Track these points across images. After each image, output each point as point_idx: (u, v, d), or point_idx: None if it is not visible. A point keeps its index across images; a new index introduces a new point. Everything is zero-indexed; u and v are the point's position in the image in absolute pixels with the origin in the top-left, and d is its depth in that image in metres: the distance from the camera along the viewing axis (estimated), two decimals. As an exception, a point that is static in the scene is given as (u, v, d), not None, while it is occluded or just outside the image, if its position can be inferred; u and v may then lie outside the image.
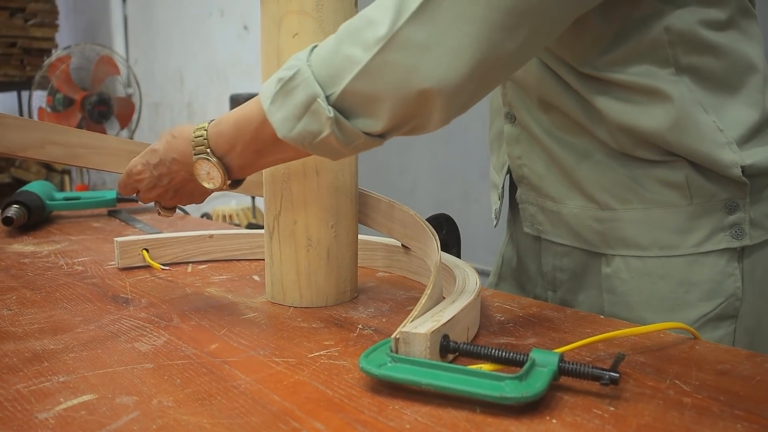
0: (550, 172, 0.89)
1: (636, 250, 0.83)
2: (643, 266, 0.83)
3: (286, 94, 0.65)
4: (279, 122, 0.66)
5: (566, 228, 0.90)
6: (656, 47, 0.76)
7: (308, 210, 0.82)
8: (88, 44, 4.60)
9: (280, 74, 0.66)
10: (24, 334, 0.74)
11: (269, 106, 0.66)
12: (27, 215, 1.32)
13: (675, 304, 0.82)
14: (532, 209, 0.94)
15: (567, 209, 0.88)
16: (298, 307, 0.84)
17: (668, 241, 0.82)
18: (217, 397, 0.57)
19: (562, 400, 0.56)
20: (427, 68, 0.61)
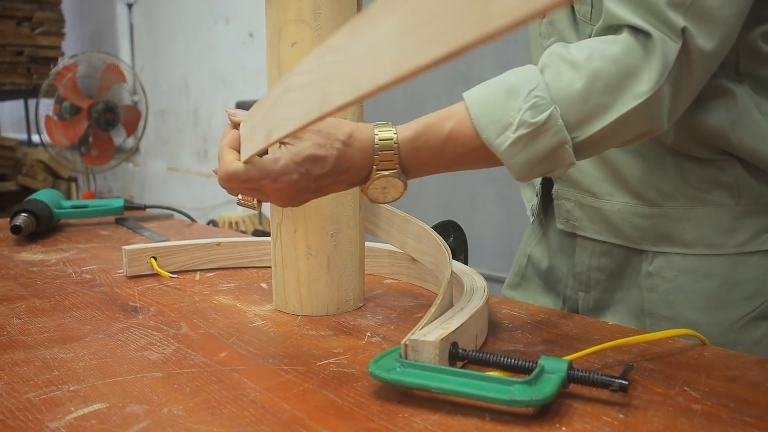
0: (594, 168, 0.89)
1: (680, 248, 0.84)
2: (687, 264, 0.83)
3: (533, 138, 0.66)
4: (519, 165, 0.67)
5: (606, 224, 0.89)
6: None
7: (308, 219, 0.82)
8: (94, 52, 4.62)
9: (525, 119, 0.65)
10: (34, 343, 0.74)
11: (508, 148, 0.66)
12: (35, 224, 1.33)
13: (718, 302, 0.82)
14: (569, 205, 0.93)
15: (609, 205, 0.88)
16: (306, 315, 0.84)
17: (714, 240, 0.82)
18: (227, 406, 0.58)
19: (571, 407, 0.56)
20: (666, 117, 0.69)
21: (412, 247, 0.91)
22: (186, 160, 5.13)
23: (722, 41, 0.69)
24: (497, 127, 0.66)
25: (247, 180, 0.69)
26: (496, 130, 0.67)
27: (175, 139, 5.25)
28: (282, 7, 0.79)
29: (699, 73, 0.70)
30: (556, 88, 0.67)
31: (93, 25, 6.13)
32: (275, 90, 0.58)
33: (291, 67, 0.79)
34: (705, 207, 0.83)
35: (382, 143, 0.68)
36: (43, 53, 5.46)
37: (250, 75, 4.34)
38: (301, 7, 0.78)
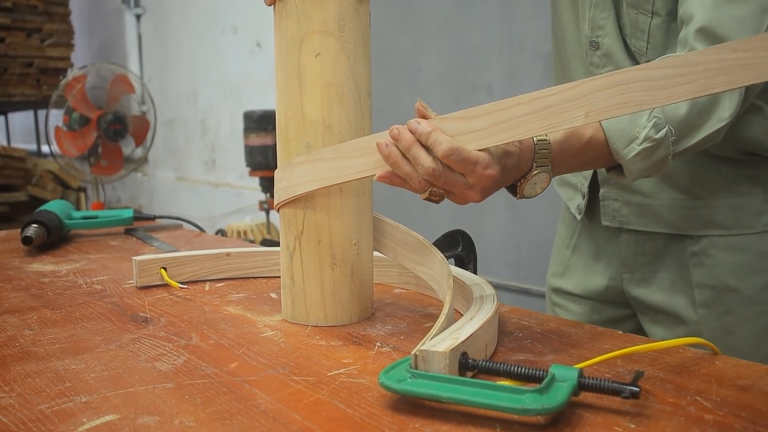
0: None
1: (721, 230, 1.02)
2: (727, 243, 1.02)
3: (653, 151, 0.84)
4: (637, 171, 0.85)
5: (654, 217, 1.06)
6: None
7: (332, 229, 0.83)
8: (103, 63, 4.65)
9: (649, 135, 0.83)
10: (46, 354, 0.75)
11: (633, 157, 0.83)
12: (46, 234, 1.34)
13: (752, 270, 1.01)
14: (616, 204, 1.09)
15: (658, 201, 1.05)
16: (317, 326, 0.84)
17: (747, 222, 1.01)
18: (238, 417, 0.58)
19: (582, 417, 0.56)
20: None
21: (405, 257, 0.89)
22: (194, 170, 5.14)
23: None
24: (625, 139, 0.83)
25: (466, 160, 0.73)
26: (623, 142, 0.83)
27: (183, 149, 5.28)
28: (305, 18, 0.79)
29: (751, 97, 0.90)
30: (668, 111, 0.84)
31: (102, 36, 6.17)
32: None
33: (314, 77, 0.80)
34: (738, 197, 1.01)
35: (540, 143, 0.80)
36: (53, 64, 5.50)
37: (258, 84, 4.36)
38: (326, 19, 0.79)
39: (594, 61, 1.03)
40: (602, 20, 1.01)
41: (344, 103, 0.81)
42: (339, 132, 0.81)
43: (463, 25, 2.84)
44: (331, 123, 0.81)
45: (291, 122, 0.82)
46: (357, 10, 0.81)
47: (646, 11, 0.96)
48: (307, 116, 0.81)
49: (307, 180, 0.81)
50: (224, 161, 4.78)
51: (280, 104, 0.83)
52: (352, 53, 0.81)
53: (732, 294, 1.02)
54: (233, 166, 4.63)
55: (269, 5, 0.82)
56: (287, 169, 0.82)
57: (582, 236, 1.18)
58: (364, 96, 0.83)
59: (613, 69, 0.97)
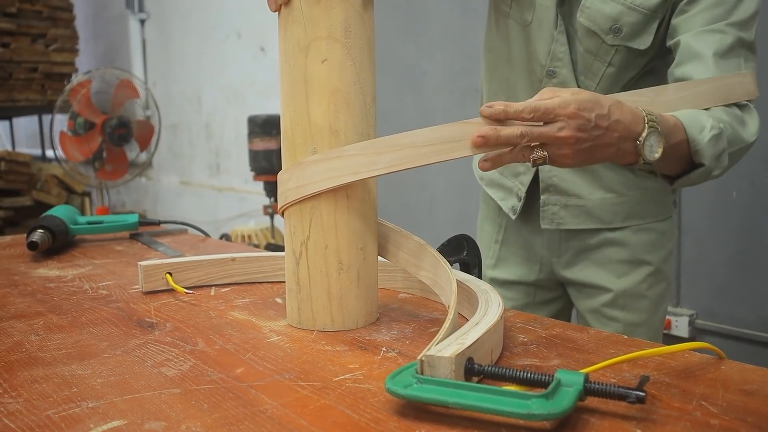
0: (578, 178, 1.26)
1: (638, 220, 1.28)
2: (641, 228, 1.28)
3: (717, 140, 0.99)
4: (710, 155, 0.99)
5: (587, 216, 1.27)
6: None
7: (339, 234, 0.83)
8: (108, 68, 4.66)
9: (714, 124, 0.99)
10: (52, 360, 0.75)
11: (708, 141, 0.98)
12: (51, 240, 1.34)
13: (657, 246, 1.29)
14: (555, 208, 1.28)
15: (591, 201, 1.26)
16: (323, 331, 0.84)
17: (655, 211, 1.28)
18: (244, 422, 0.58)
19: (588, 422, 0.56)
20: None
21: (408, 262, 0.89)
22: (198, 174, 5.15)
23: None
24: (698, 127, 0.98)
25: (544, 109, 0.81)
26: (697, 129, 0.98)
27: (187, 153, 5.29)
28: (311, 24, 0.80)
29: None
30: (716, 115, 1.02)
31: (106, 41, 6.19)
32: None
33: (321, 83, 0.80)
34: (649, 192, 1.27)
35: (646, 110, 0.90)
36: (57, 69, 5.52)
37: (261, 89, 4.37)
38: (332, 25, 0.79)
39: (548, 82, 1.21)
40: (561, 54, 1.18)
41: (350, 109, 0.81)
42: (345, 137, 0.81)
43: (466, 30, 2.84)
44: (338, 129, 0.81)
45: (297, 128, 0.82)
46: (362, 17, 0.81)
47: (604, 61, 1.16)
48: (314, 122, 0.81)
49: (326, 177, 0.81)
50: (228, 166, 4.79)
51: (285, 109, 0.84)
52: (358, 59, 0.81)
53: (644, 265, 1.28)
54: (237, 171, 4.64)
55: (274, 11, 0.83)
56: (296, 170, 0.82)
57: (509, 231, 1.37)
58: (369, 101, 0.84)
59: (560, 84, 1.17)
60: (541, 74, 1.21)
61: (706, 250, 2.33)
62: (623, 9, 1.12)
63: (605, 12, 1.13)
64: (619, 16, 1.12)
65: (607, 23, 1.13)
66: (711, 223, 2.30)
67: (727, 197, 2.25)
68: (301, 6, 0.80)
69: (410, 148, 0.79)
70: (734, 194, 2.23)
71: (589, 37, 1.15)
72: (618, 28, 1.13)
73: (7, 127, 6.52)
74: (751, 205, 2.20)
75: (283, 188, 0.84)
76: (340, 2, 0.80)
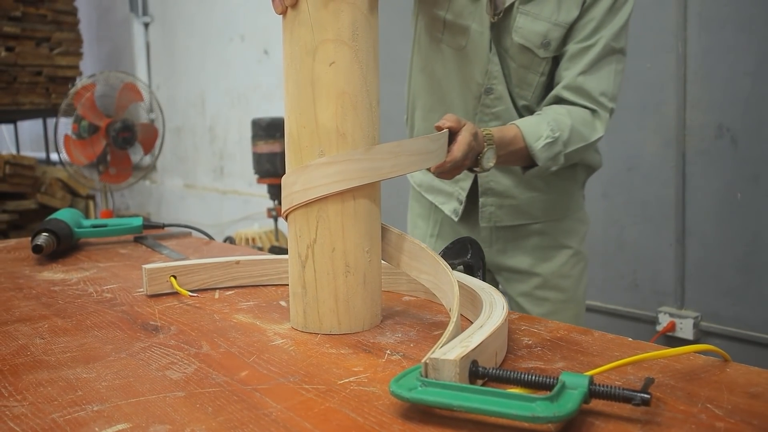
0: (511, 181, 1.45)
1: (560, 213, 1.50)
2: (562, 219, 1.50)
3: (551, 146, 1.26)
4: (543, 159, 1.27)
5: (520, 214, 1.48)
6: None
7: (346, 236, 0.83)
8: (112, 72, 4.67)
9: (549, 134, 1.25)
10: (57, 363, 0.75)
11: (540, 148, 1.25)
12: (56, 243, 1.34)
13: (574, 231, 1.51)
14: (492, 209, 1.48)
15: (522, 200, 1.47)
16: (328, 334, 0.84)
17: (573, 205, 1.52)
18: (249, 425, 0.58)
19: (593, 425, 0.56)
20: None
21: (408, 265, 0.89)
22: (202, 177, 5.16)
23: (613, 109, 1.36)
24: (535, 136, 1.25)
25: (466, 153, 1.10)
26: (533, 138, 1.25)
27: (191, 156, 5.29)
28: (319, 27, 0.80)
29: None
30: (558, 122, 1.28)
31: (110, 44, 6.21)
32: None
33: (328, 85, 0.81)
34: (565, 190, 1.49)
35: (485, 132, 1.17)
36: (62, 73, 5.54)
37: (265, 92, 4.37)
38: (340, 28, 0.80)
39: (487, 103, 1.40)
40: (495, 72, 1.37)
41: (357, 112, 0.82)
42: (352, 140, 0.82)
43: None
44: (345, 131, 0.81)
45: (304, 130, 0.82)
46: (369, 20, 0.82)
47: (537, 72, 1.37)
48: (321, 124, 0.81)
49: (334, 180, 0.81)
50: (232, 169, 4.79)
51: (291, 112, 0.84)
52: (364, 62, 0.81)
53: (564, 249, 1.50)
54: (241, 174, 4.64)
55: (280, 14, 0.83)
56: (303, 172, 0.82)
57: (444, 226, 1.56)
58: (375, 104, 0.84)
59: (503, 108, 1.39)
60: (478, 91, 1.39)
61: (711, 252, 2.32)
62: (550, 26, 1.32)
63: (536, 30, 1.33)
64: (547, 32, 1.32)
65: (538, 39, 1.33)
66: (715, 225, 2.30)
67: (732, 199, 2.25)
68: (308, 9, 0.80)
69: (405, 156, 0.86)
70: (739, 196, 2.23)
71: (523, 54, 1.35)
72: (547, 42, 1.33)
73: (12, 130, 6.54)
74: (755, 207, 2.20)
75: (288, 191, 0.84)
76: (348, 5, 0.80)
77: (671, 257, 2.41)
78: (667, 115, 2.37)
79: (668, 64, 2.35)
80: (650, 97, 2.41)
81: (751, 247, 2.22)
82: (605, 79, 1.33)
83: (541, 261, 1.49)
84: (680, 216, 2.37)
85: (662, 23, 2.35)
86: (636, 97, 2.45)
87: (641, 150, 2.46)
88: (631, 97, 2.46)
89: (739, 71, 2.19)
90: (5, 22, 5.19)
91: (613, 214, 2.56)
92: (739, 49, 2.18)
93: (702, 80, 2.28)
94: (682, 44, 2.30)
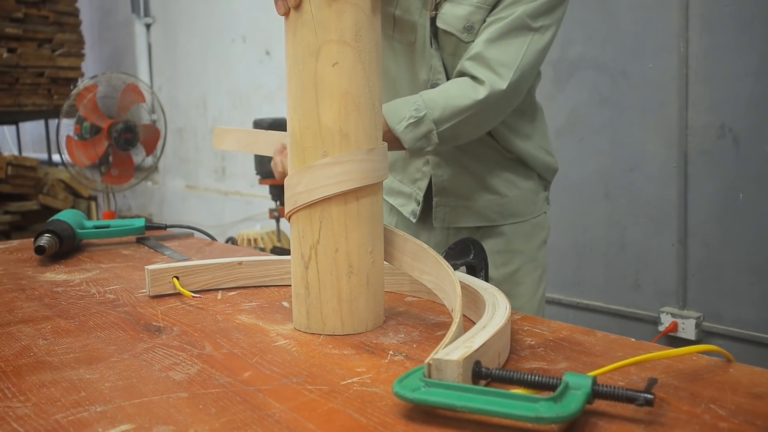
0: (467, 183, 1.43)
1: (517, 218, 1.46)
2: (519, 223, 1.46)
3: (415, 126, 1.22)
4: (409, 141, 1.23)
5: (474, 216, 1.45)
6: None
7: (349, 237, 0.83)
8: (114, 73, 4.67)
9: (413, 113, 1.22)
10: (60, 364, 0.75)
11: (403, 129, 1.22)
12: (58, 244, 1.35)
13: (531, 236, 1.47)
14: (446, 210, 1.46)
15: (478, 204, 1.45)
16: (331, 335, 0.84)
17: (530, 208, 1.47)
18: (252, 426, 0.58)
19: (596, 426, 0.56)
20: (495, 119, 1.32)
21: (411, 266, 0.89)
22: (204, 178, 5.17)
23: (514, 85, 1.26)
24: (396, 118, 1.23)
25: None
26: (396, 120, 1.23)
27: (193, 158, 5.30)
28: (322, 28, 0.80)
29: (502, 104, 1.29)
30: (427, 99, 1.24)
31: (112, 45, 6.22)
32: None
33: (332, 86, 0.81)
34: (525, 192, 1.46)
35: None
36: (64, 74, 5.54)
37: (267, 93, 4.37)
38: (343, 29, 0.80)
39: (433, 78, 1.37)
40: (438, 66, 1.35)
41: (360, 112, 0.82)
42: (356, 140, 0.82)
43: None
44: (348, 132, 0.81)
45: (307, 131, 0.82)
46: (371, 21, 0.82)
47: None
48: (324, 125, 0.81)
49: (338, 181, 0.81)
50: (234, 170, 4.80)
51: (293, 113, 0.84)
52: (367, 62, 0.81)
53: (519, 254, 1.46)
54: (243, 175, 4.64)
55: (283, 15, 0.83)
56: (307, 173, 0.82)
57: (399, 226, 1.54)
58: (377, 105, 0.84)
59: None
60: (425, 87, 1.36)
61: (713, 252, 2.32)
62: (472, 9, 1.28)
63: (458, 14, 1.29)
64: (470, 15, 1.28)
65: (460, 23, 1.29)
66: (717, 225, 2.30)
67: (734, 199, 2.24)
68: (311, 9, 0.80)
69: (389, 156, 0.92)
70: (741, 196, 2.23)
71: (449, 40, 1.32)
72: (470, 26, 1.29)
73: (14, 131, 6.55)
74: (757, 207, 2.20)
75: (291, 192, 0.84)
76: (351, 6, 0.80)
77: (673, 257, 2.41)
78: (669, 116, 2.37)
79: (670, 65, 2.35)
80: (652, 98, 2.41)
81: (754, 247, 2.22)
82: (511, 52, 1.25)
83: (493, 266, 1.43)
84: (682, 216, 2.37)
85: (664, 23, 2.35)
86: (638, 98, 2.45)
87: (643, 150, 2.46)
88: (633, 98, 2.46)
89: (741, 71, 2.19)
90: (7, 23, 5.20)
91: (615, 215, 2.56)
92: (741, 49, 2.18)
93: (704, 80, 2.28)
94: (683, 44, 2.30)
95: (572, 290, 2.73)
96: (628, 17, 2.45)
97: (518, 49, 1.25)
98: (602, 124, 2.55)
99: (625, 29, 2.46)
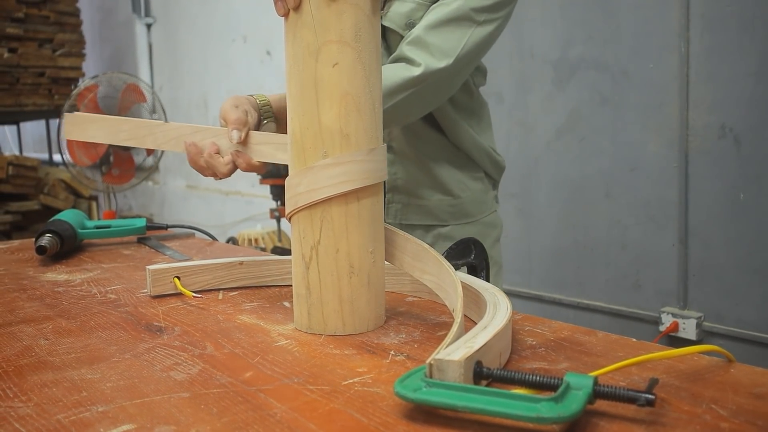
0: (420, 181, 1.46)
1: (467, 219, 1.48)
2: (468, 224, 1.49)
3: None
4: None
5: (427, 215, 1.47)
6: None
7: (350, 237, 0.83)
8: (114, 73, 4.67)
9: None
10: (62, 364, 0.75)
11: None
12: (60, 244, 1.35)
13: (483, 235, 1.46)
14: (398, 206, 1.49)
15: (431, 202, 1.47)
16: (332, 335, 0.84)
17: (481, 208, 1.50)
18: (254, 426, 0.58)
19: (597, 426, 0.56)
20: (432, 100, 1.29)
21: (411, 265, 0.89)
22: (205, 178, 5.16)
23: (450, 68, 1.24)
24: None
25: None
26: None
27: (194, 157, 5.29)
28: (322, 28, 0.80)
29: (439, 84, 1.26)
30: None
31: (113, 45, 6.22)
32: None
33: (332, 87, 0.81)
34: (476, 193, 1.49)
35: (262, 103, 1.15)
36: (64, 74, 5.55)
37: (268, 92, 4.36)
38: (343, 29, 0.80)
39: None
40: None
41: (360, 113, 0.82)
42: (356, 141, 0.82)
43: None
44: (349, 132, 0.81)
45: (307, 132, 0.82)
46: (371, 21, 0.82)
47: None
48: (324, 126, 0.81)
49: (339, 181, 0.81)
50: (235, 169, 4.79)
51: (293, 114, 0.84)
52: (367, 63, 0.81)
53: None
54: (244, 174, 4.64)
55: (282, 15, 0.83)
56: (307, 174, 0.82)
57: None
58: (378, 105, 0.84)
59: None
60: None
61: (714, 253, 2.32)
62: (414, 6, 1.30)
63: (401, 11, 1.30)
64: (412, 12, 1.30)
65: (403, 20, 1.30)
66: (718, 226, 2.30)
67: (735, 199, 2.24)
68: (311, 10, 0.80)
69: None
70: (742, 196, 2.23)
71: (394, 37, 1.32)
72: (412, 23, 1.30)
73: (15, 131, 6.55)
74: (758, 207, 2.20)
75: (292, 192, 0.84)
76: (351, 7, 0.80)
77: (674, 257, 2.41)
78: (670, 116, 2.37)
79: (671, 65, 2.35)
80: (653, 98, 2.41)
81: (754, 247, 2.22)
82: (452, 39, 1.23)
83: None
84: (683, 216, 2.37)
85: (665, 23, 2.35)
86: (639, 98, 2.45)
87: (644, 150, 2.46)
88: (634, 98, 2.46)
89: (742, 71, 2.19)
90: (8, 23, 5.20)
91: (616, 215, 2.56)
92: (742, 50, 2.18)
93: (705, 80, 2.28)
94: (684, 44, 2.30)
95: (573, 290, 2.73)
96: (629, 17, 2.45)
97: (459, 39, 1.23)
98: (603, 124, 2.55)
99: (625, 29, 2.46)
